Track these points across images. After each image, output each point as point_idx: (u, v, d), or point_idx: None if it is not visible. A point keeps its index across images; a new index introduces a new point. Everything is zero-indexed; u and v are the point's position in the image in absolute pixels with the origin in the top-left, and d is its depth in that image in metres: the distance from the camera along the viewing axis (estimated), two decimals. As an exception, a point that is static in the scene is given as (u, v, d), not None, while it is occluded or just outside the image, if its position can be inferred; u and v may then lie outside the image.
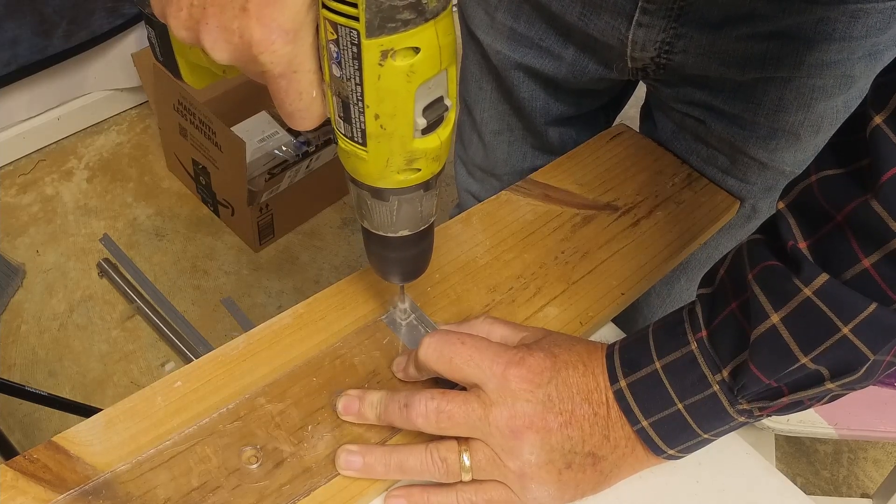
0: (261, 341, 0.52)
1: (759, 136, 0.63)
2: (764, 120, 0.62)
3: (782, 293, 0.38)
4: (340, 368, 0.51)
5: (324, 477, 0.45)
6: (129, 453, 0.45)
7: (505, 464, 0.43)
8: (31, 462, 0.44)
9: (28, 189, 1.76)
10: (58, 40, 1.65)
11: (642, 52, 0.62)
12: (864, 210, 0.34)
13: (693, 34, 0.59)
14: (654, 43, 0.61)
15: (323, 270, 1.68)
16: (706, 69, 0.61)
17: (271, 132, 1.82)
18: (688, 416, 0.43)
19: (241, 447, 0.46)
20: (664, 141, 0.71)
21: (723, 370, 0.42)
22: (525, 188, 0.65)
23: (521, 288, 0.57)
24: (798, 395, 0.40)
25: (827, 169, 0.38)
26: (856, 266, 0.35)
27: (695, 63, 0.61)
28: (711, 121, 0.65)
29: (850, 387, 0.39)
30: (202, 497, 0.44)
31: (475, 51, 0.75)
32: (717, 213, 0.66)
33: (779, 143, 0.63)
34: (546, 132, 0.77)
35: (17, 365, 1.45)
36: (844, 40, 0.56)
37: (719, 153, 0.67)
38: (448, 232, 0.61)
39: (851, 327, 0.36)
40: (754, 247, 0.41)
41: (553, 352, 0.45)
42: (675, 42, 0.60)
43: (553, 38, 0.67)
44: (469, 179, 0.88)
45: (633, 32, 0.61)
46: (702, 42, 0.59)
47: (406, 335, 0.53)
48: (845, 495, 1.43)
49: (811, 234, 0.38)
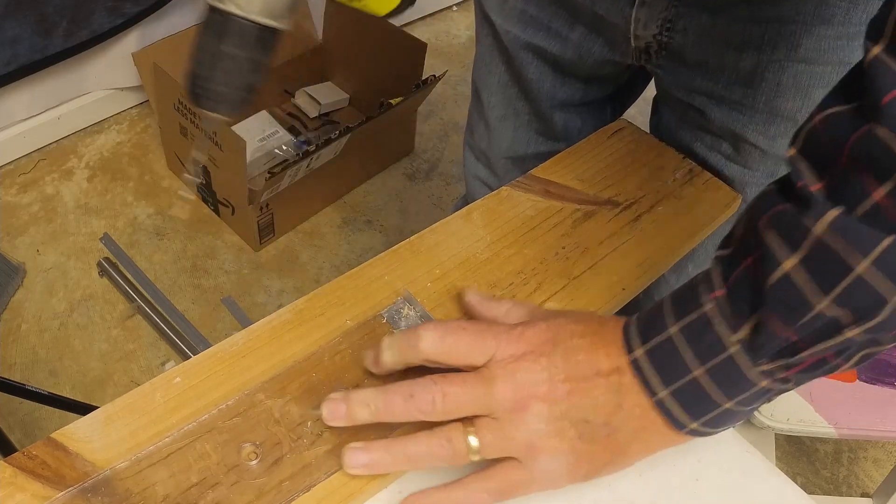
0: (260, 337, 0.51)
1: (758, 123, 0.64)
2: (763, 106, 0.62)
3: (794, 235, 0.36)
4: (340, 364, 0.51)
5: (323, 473, 0.45)
6: (129, 450, 0.45)
7: (513, 437, 0.42)
8: (29, 459, 0.44)
9: (28, 188, 1.76)
10: (58, 39, 1.65)
11: (644, 30, 0.64)
12: (868, 139, 0.33)
13: (693, 14, 0.60)
14: (656, 21, 0.62)
15: (323, 270, 1.67)
16: (705, 51, 0.62)
17: (271, 131, 1.82)
18: (708, 381, 0.41)
19: (240, 443, 0.46)
20: (670, 132, 0.72)
21: (740, 329, 0.39)
22: (525, 184, 0.65)
23: (521, 283, 0.57)
24: (818, 347, 0.38)
25: (829, 108, 0.36)
26: (867, 201, 0.33)
27: (694, 44, 0.62)
28: (711, 109, 0.66)
29: (875, 337, 0.37)
30: (201, 493, 0.44)
31: (488, 33, 0.77)
32: (719, 209, 0.65)
33: (777, 129, 0.63)
34: (552, 117, 0.78)
35: (18, 364, 1.45)
36: (843, 26, 0.55)
37: (722, 140, 0.68)
38: (448, 227, 0.60)
39: (867, 264, 0.34)
40: (766, 196, 0.39)
41: (557, 322, 0.44)
42: (676, 21, 0.62)
43: (561, 19, 0.69)
44: (478, 165, 0.90)
45: (636, 10, 0.62)
46: (701, 22, 0.60)
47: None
48: (845, 495, 1.43)
49: (822, 176, 0.36)
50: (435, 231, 0.60)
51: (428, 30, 2.35)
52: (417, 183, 1.89)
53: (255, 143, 1.77)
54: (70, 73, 1.77)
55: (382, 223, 1.79)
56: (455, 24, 2.39)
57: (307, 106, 1.93)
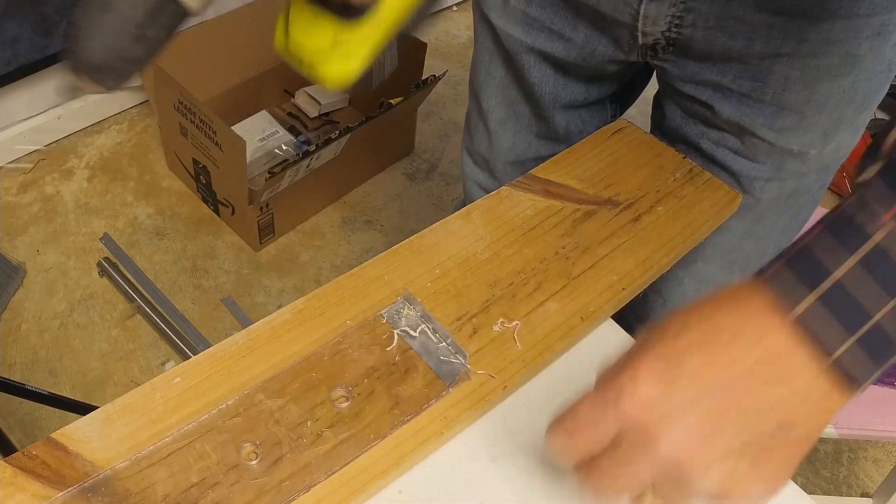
0: (260, 337, 0.51)
1: (765, 116, 0.64)
2: (770, 99, 0.62)
3: None
4: (340, 364, 0.51)
5: (323, 473, 0.45)
6: (128, 450, 0.45)
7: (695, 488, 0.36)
8: (29, 459, 0.44)
9: (28, 188, 1.76)
10: (58, 39, 1.65)
11: (653, 27, 0.63)
12: None
13: (702, 7, 0.60)
14: (665, 17, 0.62)
15: (323, 269, 1.67)
16: (713, 43, 0.62)
17: (271, 131, 1.82)
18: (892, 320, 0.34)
19: (240, 443, 0.46)
20: (674, 127, 0.72)
21: None
22: (526, 183, 0.65)
23: (521, 283, 0.57)
24: None
25: None
26: None
27: (703, 37, 0.62)
28: (719, 103, 0.65)
29: None
30: (201, 493, 0.44)
31: (487, 35, 0.76)
32: (719, 208, 0.65)
33: (784, 122, 0.63)
34: (553, 118, 0.78)
35: (18, 364, 1.45)
36: (849, 18, 0.55)
37: (729, 134, 0.68)
38: (448, 227, 0.60)
39: None
40: None
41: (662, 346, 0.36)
42: (685, 16, 0.61)
43: (564, 20, 0.68)
44: (475, 169, 0.89)
45: (644, 6, 0.62)
46: (710, 15, 0.60)
47: (406, 331, 0.53)
48: (845, 495, 1.43)
49: None
50: (435, 231, 0.60)
51: (428, 30, 2.35)
52: (417, 183, 1.89)
53: (255, 143, 1.77)
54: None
55: (382, 223, 1.79)
56: (455, 24, 2.39)
57: (307, 106, 1.93)
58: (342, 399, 0.49)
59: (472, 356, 0.52)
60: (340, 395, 0.49)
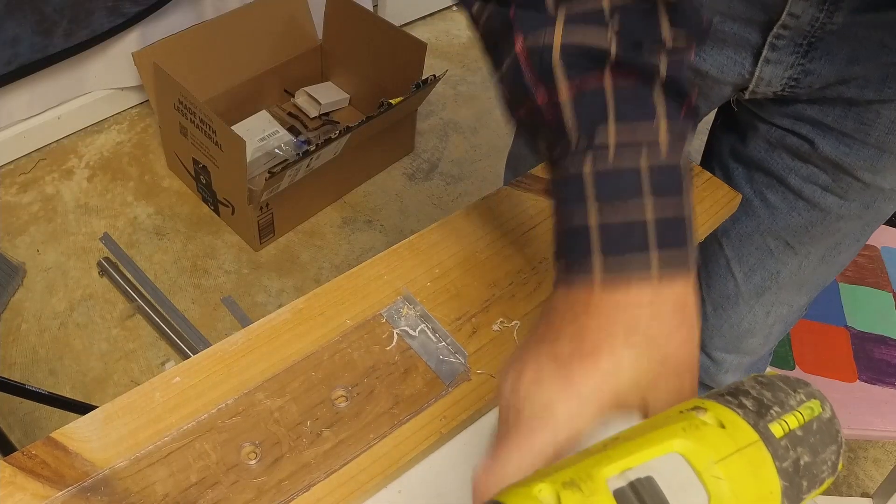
0: (259, 337, 0.51)
1: (866, 157, 0.62)
2: (874, 141, 0.60)
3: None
4: (339, 364, 0.51)
5: (323, 472, 0.45)
6: (128, 449, 0.45)
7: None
8: (29, 458, 0.44)
9: (28, 188, 1.76)
10: (58, 39, 1.65)
11: (766, 88, 0.61)
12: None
13: (822, 70, 0.58)
14: (781, 80, 0.60)
15: (323, 269, 1.67)
16: (825, 92, 0.60)
17: (271, 131, 1.82)
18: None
19: (239, 443, 0.46)
20: (754, 159, 0.69)
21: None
22: (526, 183, 0.65)
23: (521, 283, 0.57)
24: None
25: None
26: None
27: (816, 91, 0.60)
28: (819, 139, 0.63)
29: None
30: (200, 493, 0.44)
31: None
32: (719, 208, 0.65)
33: (885, 164, 0.62)
34: None
35: (18, 364, 1.45)
36: None
37: (821, 172, 0.65)
38: (449, 226, 0.60)
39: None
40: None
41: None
42: (802, 78, 0.59)
43: None
44: None
45: (759, 69, 0.60)
46: (829, 75, 0.58)
47: (405, 330, 0.53)
48: (845, 495, 1.43)
49: None
50: (435, 230, 0.60)
51: (428, 30, 2.35)
52: (417, 183, 1.89)
53: (255, 142, 1.77)
54: (70, 72, 1.77)
55: (382, 223, 1.79)
56: (455, 24, 2.39)
57: (307, 106, 1.93)
58: (342, 399, 0.49)
59: (471, 356, 0.52)
60: (340, 394, 0.49)
